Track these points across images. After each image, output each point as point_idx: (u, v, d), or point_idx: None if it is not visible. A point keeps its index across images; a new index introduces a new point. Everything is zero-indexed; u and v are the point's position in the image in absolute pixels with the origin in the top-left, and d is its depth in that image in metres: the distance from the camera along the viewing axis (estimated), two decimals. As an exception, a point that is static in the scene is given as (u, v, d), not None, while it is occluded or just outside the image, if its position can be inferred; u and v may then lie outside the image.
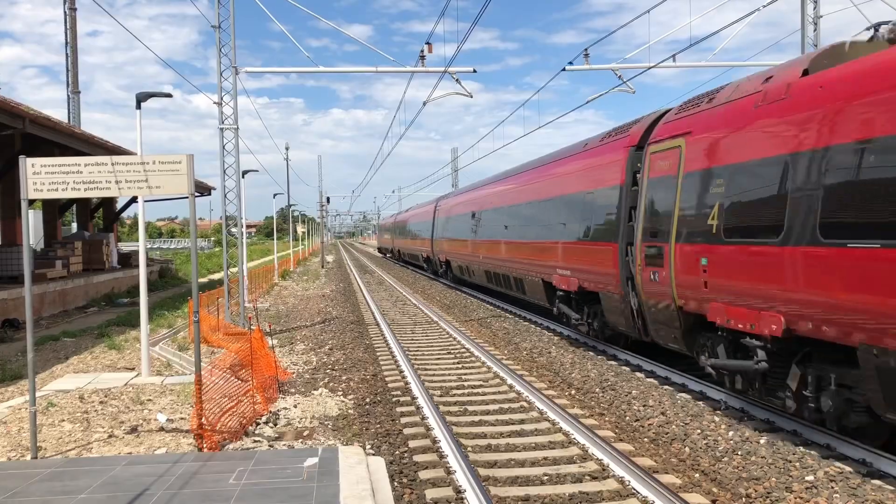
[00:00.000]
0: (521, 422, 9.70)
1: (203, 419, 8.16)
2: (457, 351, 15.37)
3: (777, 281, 8.15)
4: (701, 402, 10.27)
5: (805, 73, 8.33)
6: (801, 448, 8.11)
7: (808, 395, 8.10)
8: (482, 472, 7.67)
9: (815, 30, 19.82)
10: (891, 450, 7.67)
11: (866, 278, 6.83)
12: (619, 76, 20.91)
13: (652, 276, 11.07)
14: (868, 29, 8.47)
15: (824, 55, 8.39)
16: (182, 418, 9.60)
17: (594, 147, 14.88)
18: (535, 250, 18.16)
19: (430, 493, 7.07)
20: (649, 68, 20.48)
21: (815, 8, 19.73)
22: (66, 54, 42.94)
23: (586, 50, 20.51)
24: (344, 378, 12.68)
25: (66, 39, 42.88)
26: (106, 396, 10.90)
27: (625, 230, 12.58)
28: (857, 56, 7.85)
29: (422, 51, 19.55)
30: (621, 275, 12.60)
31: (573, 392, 11.63)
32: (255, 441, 8.68)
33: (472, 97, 20.94)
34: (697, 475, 7.71)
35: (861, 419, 7.72)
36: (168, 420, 9.54)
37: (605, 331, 14.40)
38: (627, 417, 9.96)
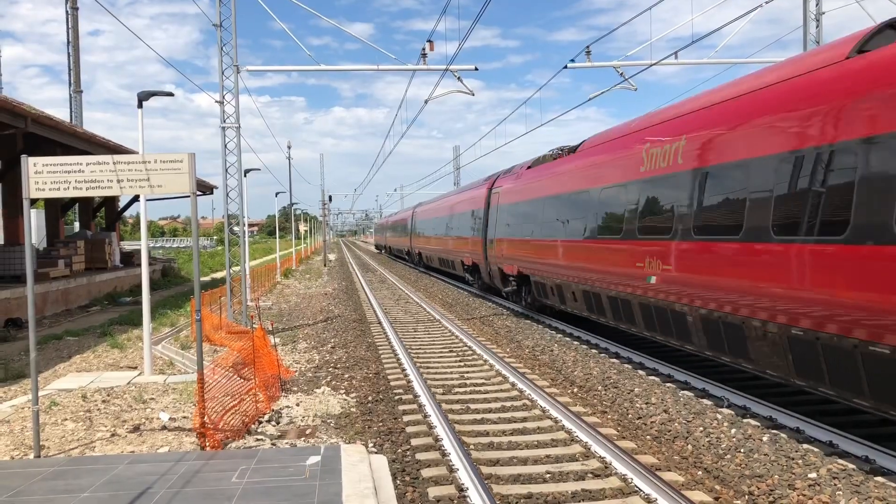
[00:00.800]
0: (524, 420, 9.69)
1: (205, 418, 8.17)
2: (459, 349, 15.37)
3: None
4: (704, 400, 10.26)
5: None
6: (804, 445, 8.10)
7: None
8: (485, 470, 7.67)
9: (817, 27, 19.77)
10: (888, 443, 7.66)
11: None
12: (621, 74, 20.89)
13: (489, 253, 23.82)
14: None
15: None
16: (185, 417, 9.61)
17: (473, 187, 28.74)
18: (455, 242, 30.59)
19: (433, 492, 7.07)
20: (651, 65, 20.45)
21: (817, 4, 19.69)
22: (68, 53, 42.98)
23: (588, 47, 20.48)
24: (346, 376, 12.68)
25: (68, 38, 42.91)
26: (108, 395, 10.91)
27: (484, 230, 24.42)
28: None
29: (423, 49, 19.53)
30: (484, 253, 24.05)
31: (575, 390, 11.63)
32: (257, 439, 8.68)
33: (473, 95, 20.93)
34: (700, 473, 7.71)
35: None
36: (170, 419, 9.55)
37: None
38: (630, 415, 9.95)
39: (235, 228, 20.66)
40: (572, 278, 15.59)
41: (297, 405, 10.44)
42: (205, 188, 37.54)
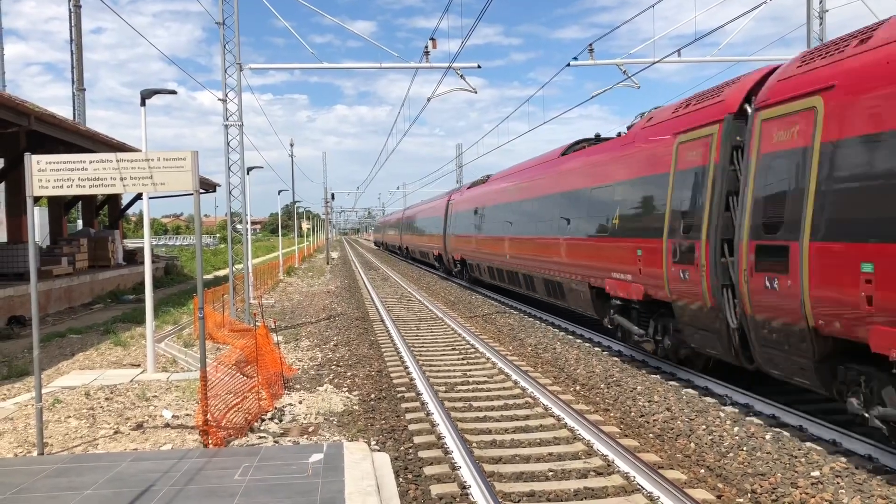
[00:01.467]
0: (526, 417, 9.70)
1: (208, 415, 8.18)
2: (461, 347, 15.37)
3: None
4: (706, 398, 10.25)
5: None
6: (807, 444, 8.10)
7: None
8: (487, 467, 7.67)
9: (820, 24, 19.73)
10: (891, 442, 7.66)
11: None
12: (624, 71, 20.86)
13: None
14: None
15: None
16: (187, 414, 9.62)
17: (438, 199, 21.29)
18: (429, 238, 24.47)
19: (435, 489, 7.08)
20: (654, 63, 20.42)
21: (820, 2, 19.64)
22: (72, 51, 43.01)
23: (591, 45, 20.43)
24: (349, 374, 12.69)
25: (71, 36, 42.95)
26: (112, 393, 10.93)
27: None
28: None
29: (426, 47, 19.52)
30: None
31: (578, 388, 11.63)
32: (260, 437, 8.69)
33: (476, 93, 20.89)
34: (703, 471, 7.70)
35: None
36: (173, 416, 9.57)
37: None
38: (632, 413, 9.95)
39: (238, 226, 20.68)
40: (483, 259, 26.06)
41: (300, 403, 10.45)
42: (208, 186, 37.58)
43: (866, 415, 7.34)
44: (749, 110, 9.49)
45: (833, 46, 8.18)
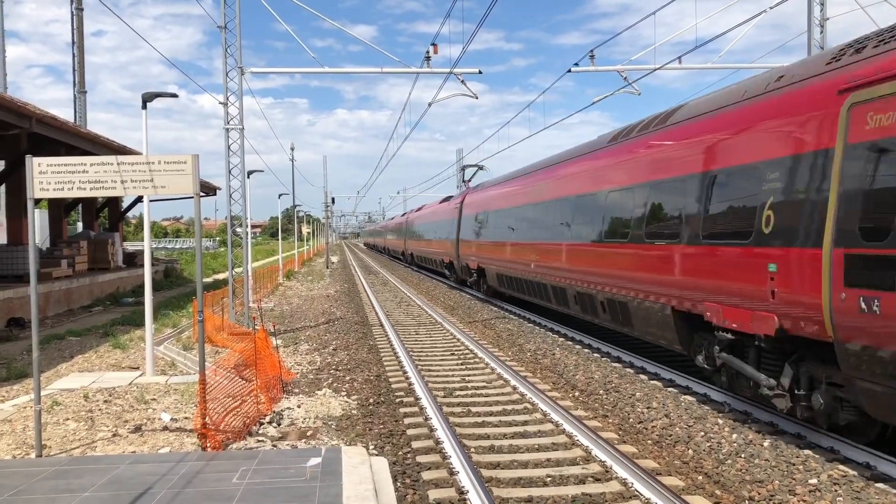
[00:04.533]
0: (525, 423, 9.69)
1: (207, 419, 8.18)
2: (460, 352, 15.37)
3: None
4: (705, 405, 10.26)
5: None
6: (805, 451, 8.10)
7: None
8: (485, 473, 7.67)
9: (821, 32, 19.78)
10: (889, 450, 7.64)
11: None
12: (625, 78, 20.91)
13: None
14: None
15: None
16: (186, 418, 9.62)
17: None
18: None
19: (433, 494, 7.08)
20: (655, 70, 20.48)
21: (821, 10, 19.69)
22: (73, 54, 43.08)
23: (592, 51, 20.52)
24: (348, 378, 12.69)
25: (73, 39, 43.02)
26: (110, 395, 10.93)
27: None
28: None
29: (427, 52, 19.56)
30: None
31: (577, 394, 11.63)
32: (258, 441, 8.69)
33: (477, 98, 20.96)
34: (700, 477, 7.70)
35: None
36: (172, 419, 9.57)
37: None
38: (631, 419, 9.95)
39: (238, 230, 20.70)
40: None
41: (299, 407, 10.45)
42: (208, 189, 37.59)
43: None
44: None
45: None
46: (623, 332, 13.96)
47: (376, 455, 8.24)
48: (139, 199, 32.15)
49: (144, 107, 12.38)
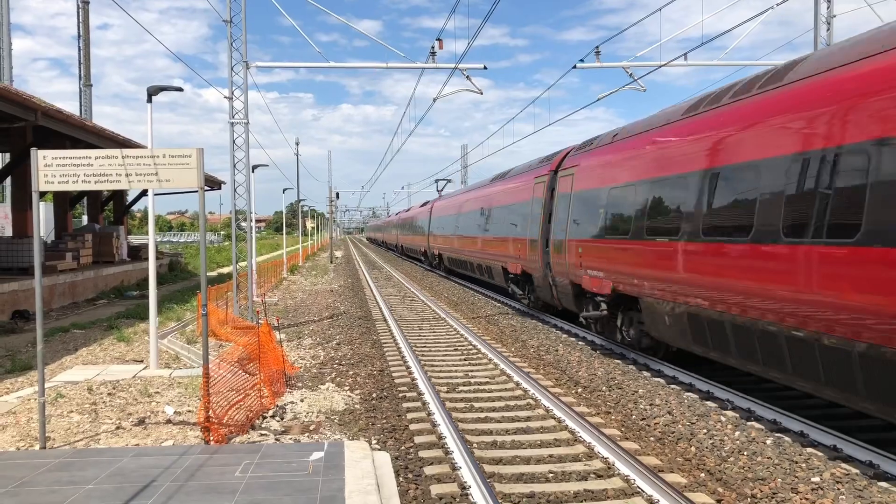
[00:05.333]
0: (527, 419, 9.70)
1: (210, 412, 8.21)
2: (464, 348, 15.38)
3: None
4: (708, 402, 10.25)
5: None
6: (808, 449, 8.09)
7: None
8: (487, 468, 7.68)
9: (828, 29, 19.70)
10: (892, 448, 7.61)
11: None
12: (631, 74, 20.84)
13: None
14: None
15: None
16: (189, 411, 9.65)
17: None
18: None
19: (435, 489, 7.09)
20: (660, 66, 20.41)
21: (828, 7, 19.61)
22: (79, 47, 43.13)
23: (597, 48, 20.44)
24: (351, 373, 12.71)
25: (79, 32, 43.07)
26: (114, 388, 10.97)
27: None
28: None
29: (432, 47, 19.53)
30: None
31: (580, 390, 11.62)
32: (261, 434, 8.71)
33: (482, 94, 20.91)
34: (703, 475, 7.70)
35: None
36: (175, 413, 9.59)
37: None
38: (634, 416, 9.95)
39: (243, 224, 20.72)
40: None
41: (302, 401, 10.47)
42: (212, 183, 37.65)
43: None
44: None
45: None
46: (484, 279, 26.97)
47: (379, 450, 8.25)
48: (144, 193, 32.25)
49: (149, 100, 12.39)
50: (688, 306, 10.62)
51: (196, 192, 8.52)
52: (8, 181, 29.13)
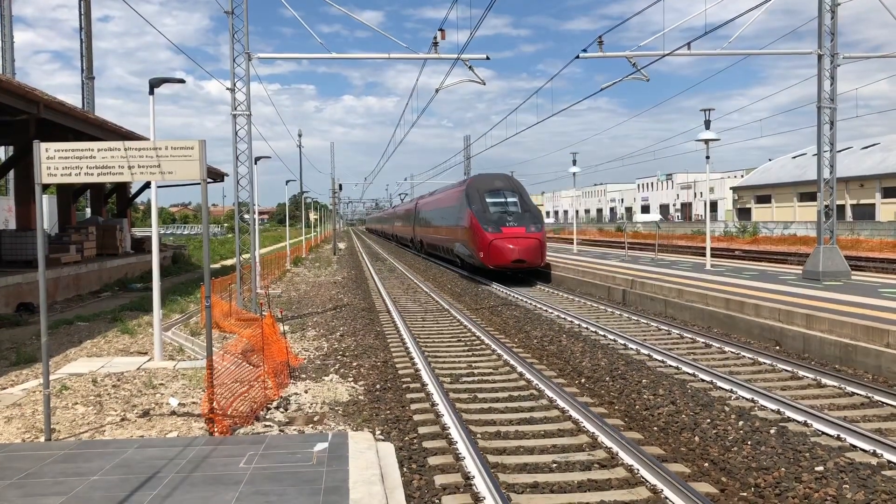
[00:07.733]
0: (531, 409, 9.71)
1: (214, 404, 8.23)
2: (467, 338, 15.39)
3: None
4: (711, 393, 10.25)
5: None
6: (811, 439, 8.09)
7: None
8: (491, 458, 7.70)
9: (832, 18, 19.59)
10: (902, 441, 7.66)
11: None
12: (634, 64, 20.74)
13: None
14: None
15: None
16: (194, 402, 9.68)
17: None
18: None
19: (439, 479, 7.11)
20: (664, 56, 20.32)
21: (832, -5, 19.48)
22: (81, 40, 43.06)
23: (600, 37, 20.35)
24: (355, 364, 12.73)
25: (81, 25, 42.99)
26: (119, 380, 11.00)
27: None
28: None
29: (435, 37, 19.45)
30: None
31: (583, 381, 11.63)
32: (265, 426, 8.74)
33: (484, 84, 20.85)
34: (706, 464, 7.71)
35: None
36: (180, 404, 9.62)
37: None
38: (637, 406, 9.95)
39: (246, 216, 20.73)
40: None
41: (306, 392, 10.49)
42: (215, 175, 37.66)
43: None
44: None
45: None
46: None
47: (383, 440, 8.27)
48: (147, 186, 32.24)
49: (151, 92, 12.37)
50: (424, 237, 47.13)
51: (199, 184, 8.52)
52: (11, 174, 29.17)
